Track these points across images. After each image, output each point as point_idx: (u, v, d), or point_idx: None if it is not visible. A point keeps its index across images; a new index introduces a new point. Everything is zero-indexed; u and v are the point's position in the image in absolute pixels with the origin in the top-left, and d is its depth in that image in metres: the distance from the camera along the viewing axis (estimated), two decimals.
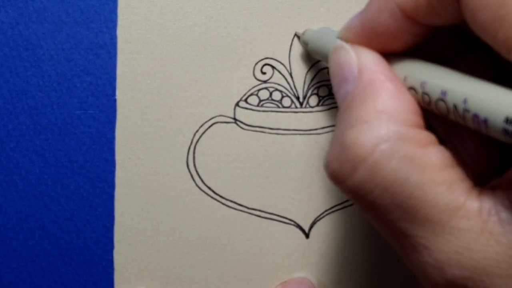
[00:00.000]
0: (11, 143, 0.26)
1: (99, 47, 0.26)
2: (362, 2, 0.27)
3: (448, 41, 0.21)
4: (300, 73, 0.27)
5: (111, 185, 0.26)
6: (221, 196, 0.26)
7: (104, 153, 0.26)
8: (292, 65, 0.27)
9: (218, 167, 0.26)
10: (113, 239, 0.26)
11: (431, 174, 0.16)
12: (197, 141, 0.26)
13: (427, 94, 0.17)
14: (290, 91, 0.27)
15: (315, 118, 0.26)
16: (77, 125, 0.26)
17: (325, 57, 0.22)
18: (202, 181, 0.26)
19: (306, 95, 0.27)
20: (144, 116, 0.26)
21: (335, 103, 0.27)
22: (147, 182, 0.26)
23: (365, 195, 0.17)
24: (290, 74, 0.27)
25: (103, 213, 0.26)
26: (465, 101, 0.16)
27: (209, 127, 0.26)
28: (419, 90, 0.18)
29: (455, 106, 0.16)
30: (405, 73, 0.19)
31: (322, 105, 0.27)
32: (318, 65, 0.27)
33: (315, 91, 0.27)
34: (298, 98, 0.27)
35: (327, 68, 0.27)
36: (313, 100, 0.27)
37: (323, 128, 0.27)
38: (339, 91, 0.20)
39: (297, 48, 0.27)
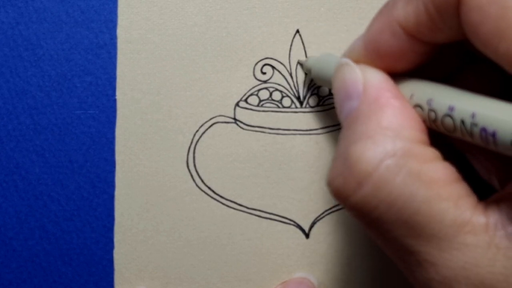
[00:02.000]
0: (11, 143, 0.26)
1: (99, 47, 0.26)
2: (362, 2, 0.27)
3: (451, 58, 0.21)
4: (300, 73, 0.27)
5: (111, 185, 0.26)
6: (221, 196, 0.26)
7: (104, 153, 0.26)
8: (292, 65, 0.27)
9: (218, 167, 0.26)
10: (113, 239, 0.26)
11: (438, 189, 0.16)
12: (197, 141, 0.26)
13: (434, 111, 0.17)
14: (290, 91, 0.27)
15: (315, 118, 0.26)
16: (77, 125, 0.26)
17: (329, 83, 0.22)
18: (202, 181, 0.26)
19: (306, 95, 0.27)
20: (144, 116, 0.26)
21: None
22: (147, 182, 0.26)
23: (370, 211, 0.17)
24: (290, 74, 0.27)
25: (103, 213, 0.26)
26: (473, 115, 0.16)
27: (209, 127, 0.26)
28: (426, 107, 0.18)
29: (462, 122, 0.16)
30: (411, 91, 0.18)
31: (322, 105, 0.27)
32: None
33: (315, 91, 0.27)
34: (298, 98, 0.27)
35: None
36: (313, 100, 0.27)
37: (323, 128, 0.27)
38: (343, 108, 0.19)
39: (297, 48, 0.27)
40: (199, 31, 0.26)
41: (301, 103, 0.27)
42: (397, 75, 0.19)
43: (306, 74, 0.26)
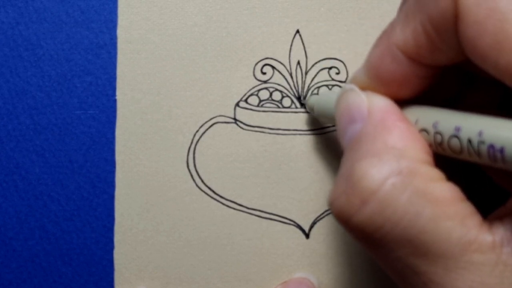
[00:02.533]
0: (11, 143, 0.26)
1: (99, 47, 0.26)
2: (362, 2, 0.27)
3: (452, 82, 0.20)
4: (300, 73, 0.27)
5: (111, 185, 0.26)
6: (221, 196, 0.26)
7: (104, 153, 0.26)
8: (292, 65, 0.27)
9: (218, 167, 0.26)
10: (113, 239, 0.26)
11: (444, 208, 0.16)
12: (197, 141, 0.26)
13: (440, 133, 0.17)
14: (290, 91, 0.27)
15: (315, 118, 0.26)
16: (77, 125, 0.26)
17: (334, 119, 0.22)
18: (202, 181, 0.26)
19: (306, 95, 0.27)
20: (144, 116, 0.26)
21: None
22: (147, 182, 0.26)
23: (374, 230, 0.17)
24: (290, 74, 0.27)
25: (103, 213, 0.26)
26: (480, 133, 0.15)
27: (209, 127, 0.26)
28: (431, 130, 0.17)
29: (469, 141, 0.16)
30: (416, 116, 0.18)
31: None
32: (318, 65, 0.27)
33: (316, 91, 0.27)
34: (298, 98, 0.27)
35: (327, 68, 0.27)
36: None
37: (323, 128, 0.27)
38: (346, 132, 0.19)
39: (297, 48, 0.27)
40: (199, 31, 0.26)
41: (301, 103, 0.27)
42: (401, 102, 0.19)
43: (308, 112, 0.26)
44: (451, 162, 0.20)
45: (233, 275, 0.26)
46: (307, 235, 0.27)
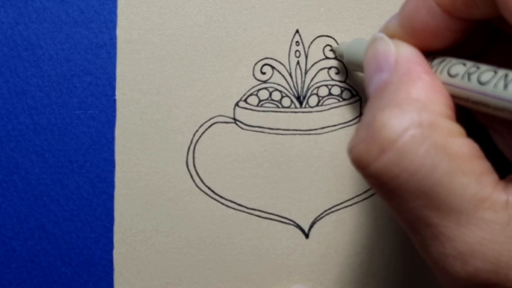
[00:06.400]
0: (11, 143, 0.26)
1: (98, 47, 0.26)
2: (362, 2, 0.27)
3: (481, 37, 0.21)
4: (300, 73, 0.27)
5: (111, 185, 0.26)
6: (220, 196, 0.26)
7: (103, 153, 0.26)
8: (292, 65, 0.27)
9: (218, 167, 0.26)
10: (113, 239, 0.26)
11: (460, 164, 0.16)
12: (196, 141, 0.26)
13: (465, 88, 0.17)
14: (290, 91, 0.27)
15: (314, 118, 0.26)
16: (77, 125, 0.26)
17: (362, 67, 0.22)
18: (202, 181, 0.26)
19: (305, 95, 0.27)
20: (144, 116, 0.26)
21: (334, 103, 0.27)
22: (147, 182, 0.26)
23: (390, 179, 0.17)
24: (290, 74, 0.27)
25: (103, 213, 0.26)
26: (506, 75, 0.16)
27: (209, 127, 0.26)
28: (457, 82, 0.18)
29: (495, 85, 0.16)
30: (442, 68, 0.18)
31: (322, 105, 0.27)
32: (317, 65, 0.27)
33: (315, 91, 0.27)
34: (297, 98, 0.27)
35: (327, 68, 0.27)
36: (313, 100, 0.27)
37: (322, 128, 0.27)
38: (372, 80, 0.19)
39: (297, 48, 0.27)
40: (199, 31, 0.26)
41: (300, 103, 0.27)
42: (429, 53, 0.19)
43: (339, 60, 0.26)
44: (472, 120, 0.20)
45: (232, 275, 0.26)
46: (306, 235, 0.27)
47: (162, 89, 0.26)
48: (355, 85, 0.27)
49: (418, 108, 0.17)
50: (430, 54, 0.19)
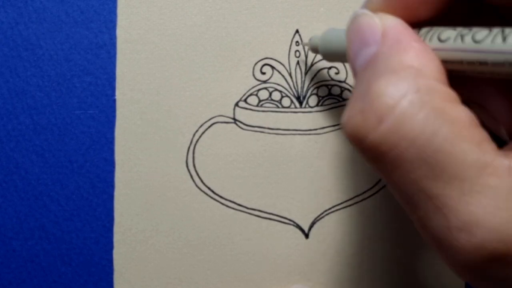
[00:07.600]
0: (11, 143, 0.26)
1: (98, 47, 0.26)
2: (361, 3, 0.27)
3: (463, 9, 0.20)
4: (300, 73, 0.27)
5: (111, 185, 0.26)
6: (220, 196, 0.26)
7: (103, 153, 0.26)
8: (292, 65, 0.27)
9: (218, 167, 0.26)
10: (113, 239, 0.26)
11: (461, 129, 0.16)
12: (196, 141, 0.26)
13: (459, 50, 0.17)
14: (290, 91, 0.27)
15: (314, 118, 0.26)
16: (77, 125, 0.26)
17: (340, 56, 0.22)
18: (202, 181, 0.26)
19: (305, 95, 0.27)
20: (144, 116, 0.26)
21: (334, 103, 0.27)
22: (146, 182, 0.26)
23: (389, 149, 0.16)
24: (290, 74, 0.27)
25: (102, 213, 0.26)
26: (503, 30, 0.15)
27: (209, 127, 0.26)
28: (449, 46, 0.17)
29: (492, 41, 0.16)
30: (431, 36, 0.18)
31: (321, 105, 0.27)
32: (317, 65, 0.27)
33: (315, 91, 0.27)
34: (297, 98, 0.27)
35: (326, 68, 0.27)
36: (313, 100, 0.27)
37: (322, 128, 0.27)
38: (358, 56, 0.19)
39: (297, 48, 0.27)
40: (199, 31, 0.26)
41: (300, 103, 0.26)
42: (414, 25, 0.19)
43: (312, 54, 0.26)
44: (464, 89, 0.19)
45: (232, 275, 0.26)
46: (306, 235, 0.27)
47: (162, 89, 0.26)
48: None
49: (414, 74, 0.16)
50: (415, 26, 0.19)
